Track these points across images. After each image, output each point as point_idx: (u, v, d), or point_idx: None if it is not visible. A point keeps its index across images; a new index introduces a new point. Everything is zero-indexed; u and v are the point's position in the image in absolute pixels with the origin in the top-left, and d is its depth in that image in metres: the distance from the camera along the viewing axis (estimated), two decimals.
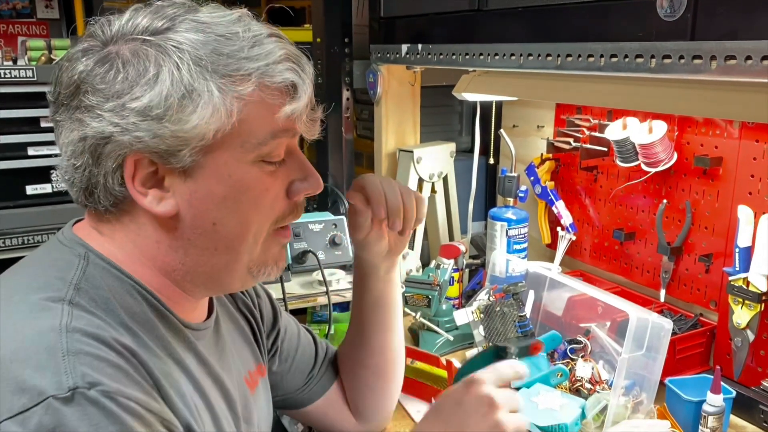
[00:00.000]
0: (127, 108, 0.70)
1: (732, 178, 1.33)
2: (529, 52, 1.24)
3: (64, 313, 0.68)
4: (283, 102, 0.75)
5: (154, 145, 0.71)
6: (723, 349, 1.36)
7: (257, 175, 0.77)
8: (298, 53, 0.78)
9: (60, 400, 0.60)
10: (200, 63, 0.71)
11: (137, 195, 0.74)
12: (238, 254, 0.80)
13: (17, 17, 2.47)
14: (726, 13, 0.90)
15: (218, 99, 0.71)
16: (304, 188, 0.82)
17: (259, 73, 0.73)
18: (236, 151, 0.75)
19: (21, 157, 1.91)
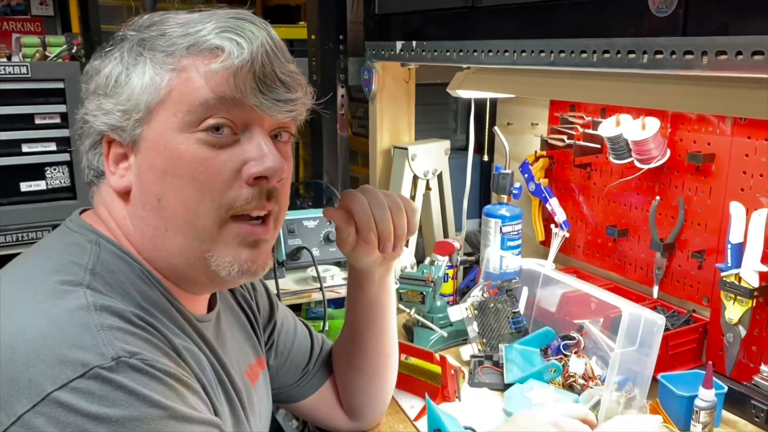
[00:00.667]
0: (89, 91, 0.80)
1: (724, 175, 1.34)
2: (522, 49, 1.24)
3: (87, 295, 0.70)
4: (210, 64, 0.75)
5: (107, 121, 0.77)
6: (715, 344, 1.37)
7: (193, 147, 0.75)
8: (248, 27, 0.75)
9: (106, 369, 0.63)
10: (143, 44, 0.77)
11: (108, 173, 0.80)
12: (187, 239, 0.77)
13: (11, 14, 2.47)
14: (717, 9, 0.90)
15: (150, 71, 0.76)
16: (257, 169, 0.76)
17: (189, 44, 0.75)
18: (170, 121, 0.75)
19: (15, 154, 1.90)
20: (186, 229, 0.77)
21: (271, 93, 0.76)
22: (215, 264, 0.78)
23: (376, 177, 1.92)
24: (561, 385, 1.35)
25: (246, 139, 0.78)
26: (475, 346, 1.52)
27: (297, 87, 0.79)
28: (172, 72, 0.75)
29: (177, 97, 0.75)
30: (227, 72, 0.74)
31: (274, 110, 0.77)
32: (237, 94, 0.75)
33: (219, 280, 0.80)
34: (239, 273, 0.79)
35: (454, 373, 1.35)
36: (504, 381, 1.39)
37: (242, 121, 0.77)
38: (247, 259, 0.79)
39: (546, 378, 1.36)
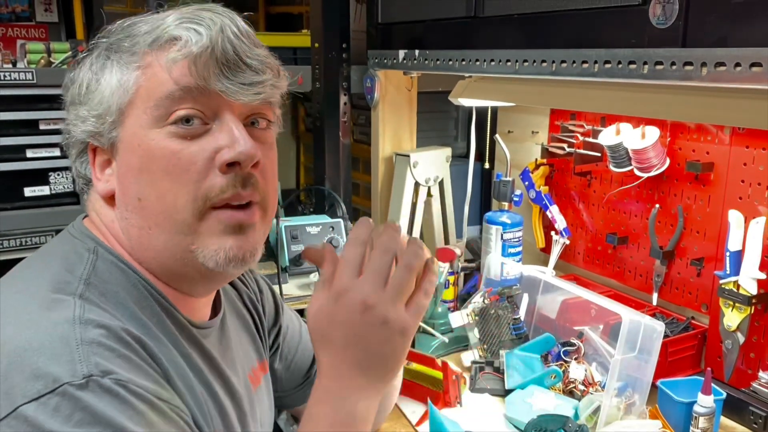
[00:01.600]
0: (66, 102, 0.82)
1: (723, 183, 1.36)
2: (524, 58, 1.26)
3: (76, 306, 0.69)
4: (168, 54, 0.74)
5: (85, 129, 0.78)
6: (714, 351, 1.38)
7: (163, 141, 0.74)
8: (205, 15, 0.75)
9: (75, 387, 0.62)
10: (110, 48, 0.78)
11: (95, 180, 0.81)
12: (170, 234, 0.76)
13: (16, 20, 2.48)
14: (716, 22, 0.92)
15: (117, 74, 0.76)
16: (229, 155, 0.74)
17: (151, 40, 0.75)
18: (140, 119, 0.75)
19: (20, 159, 1.91)
20: (168, 225, 0.76)
21: (236, 77, 0.75)
22: (202, 256, 0.76)
23: (378, 184, 1.94)
24: (561, 391, 1.36)
25: (217, 127, 0.76)
26: (476, 352, 1.54)
27: (265, 69, 0.78)
28: (137, 70, 0.75)
29: (144, 94, 0.75)
30: (187, 60, 0.73)
31: (240, 94, 0.75)
32: (200, 81, 0.74)
33: (209, 273, 0.78)
34: (227, 261, 0.77)
35: (456, 379, 1.36)
36: (505, 387, 1.40)
37: (211, 109, 0.76)
38: (233, 245, 0.77)
39: (546, 384, 1.37)
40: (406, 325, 0.73)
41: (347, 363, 0.73)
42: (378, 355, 0.73)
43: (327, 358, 0.74)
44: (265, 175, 0.80)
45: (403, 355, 0.75)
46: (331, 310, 0.73)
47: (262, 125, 0.81)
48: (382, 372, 0.75)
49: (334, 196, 1.89)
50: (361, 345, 0.72)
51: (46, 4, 2.51)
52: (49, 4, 2.51)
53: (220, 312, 0.93)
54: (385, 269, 0.73)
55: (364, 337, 0.72)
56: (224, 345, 0.92)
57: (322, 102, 1.96)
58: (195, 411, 0.77)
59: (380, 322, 0.71)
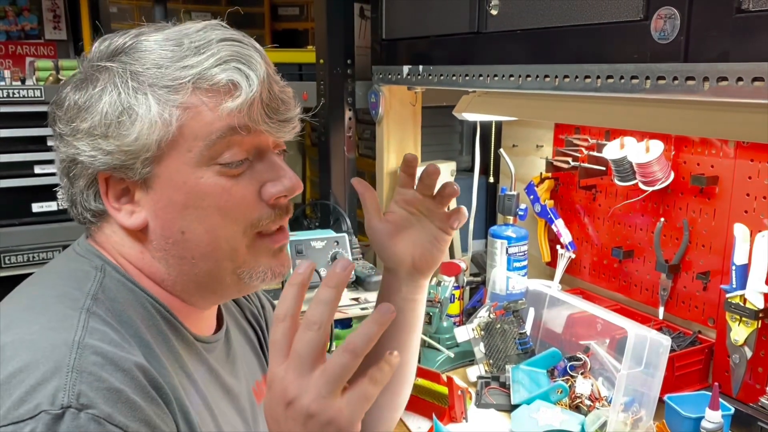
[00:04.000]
0: (79, 130, 0.76)
1: (728, 197, 1.35)
2: (527, 73, 1.27)
3: (80, 327, 0.69)
4: (224, 101, 0.74)
5: (109, 162, 0.75)
6: (721, 365, 1.37)
7: (213, 179, 0.76)
8: (247, 53, 0.76)
9: (51, 416, 0.62)
10: (138, 79, 0.74)
11: (113, 210, 0.77)
12: (216, 262, 0.79)
13: (25, 38, 2.51)
14: (718, 37, 0.92)
15: (156, 110, 0.74)
16: (276, 190, 0.78)
17: (196, 78, 0.74)
18: (184, 157, 0.75)
19: (28, 175, 1.92)
20: (216, 255, 0.78)
21: (276, 115, 0.78)
22: (248, 277, 0.80)
23: (383, 198, 1.94)
24: (568, 406, 1.36)
25: (257, 160, 0.79)
26: (482, 367, 1.53)
27: (291, 101, 0.80)
28: (179, 108, 0.74)
29: (189, 133, 0.75)
30: (243, 106, 0.74)
31: (281, 131, 0.79)
32: (251, 123, 0.75)
33: (246, 289, 0.84)
34: (272, 278, 0.82)
35: (461, 394, 1.36)
36: (511, 402, 1.39)
37: (253, 145, 0.78)
38: (277, 264, 0.82)
39: (553, 399, 1.36)
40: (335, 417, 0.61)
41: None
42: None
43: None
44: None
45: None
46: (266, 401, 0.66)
47: (278, 151, 0.84)
48: None
49: (338, 210, 1.89)
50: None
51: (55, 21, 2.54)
52: (58, 22, 2.54)
53: (223, 325, 0.93)
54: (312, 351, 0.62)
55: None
56: (231, 358, 0.93)
57: (326, 117, 1.97)
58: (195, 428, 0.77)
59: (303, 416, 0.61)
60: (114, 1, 2.49)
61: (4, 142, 1.89)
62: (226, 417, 0.87)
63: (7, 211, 1.92)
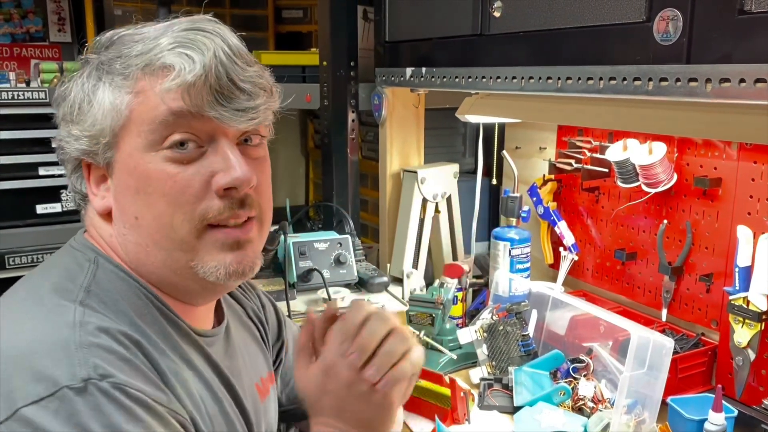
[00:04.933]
0: (59, 117, 0.82)
1: (731, 199, 1.35)
2: (530, 75, 1.27)
3: (77, 312, 0.71)
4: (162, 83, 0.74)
5: (79, 147, 0.79)
6: (725, 368, 1.37)
7: (160, 165, 0.76)
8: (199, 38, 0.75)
9: (74, 390, 0.63)
10: (102, 68, 0.78)
11: (90, 195, 0.82)
12: (168, 251, 0.78)
13: (30, 41, 2.52)
14: (720, 38, 0.92)
15: (110, 96, 0.77)
16: (225, 181, 0.76)
17: (143, 64, 0.75)
18: (134, 142, 0.76)
19: (32, 177, 1.94)
20: (165, 243, 0.78)
21: (230, 103, 0.76)
22: (202, 271, 0.79)
23: (386, 200, 1.95)
24: (570, 408, 1.35)
25: (212, 150, 0.77)
26: (485, 369, 1.53)
27: (259, 92, 0.78)
28: (129, 94, 0.76)
29: (138, 118, 0.76)
30: (181, 88, 0.74)
31: (235, 121, 0.76)
32: (194, 108, 0.74)
33: (210, 286, 0.82)
34: (227, 276, 0.79)
35: (464, 396, 1.36)
36: (513, 404, 1.39)
37: (205, 132, 0.77)
38: (232, 261, 0.79)
39: (555, 401, 1.36)
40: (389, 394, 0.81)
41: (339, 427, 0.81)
42: (366, 421, 0.82)
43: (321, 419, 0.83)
44: (260, 191, 0.82)
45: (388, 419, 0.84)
46: (322, 381, 0.82)
47: (254, 142, 0.83)
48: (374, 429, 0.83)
49: (341, 212, 1.90)
50: (351, 412, 0.81)
51: (60, 24, 2.55)
52: (63, 25, 2.55)
53: (223, 321, 0.94)
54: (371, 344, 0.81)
55: (353, 405, 0.81)
56: (230, 354, 0.93)
57: (330, 119, 1.98)
58: (195, 416, 0.78)
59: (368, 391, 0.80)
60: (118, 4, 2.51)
61: (8, 143, 1.91)
62: (230, 406, 0.87)
63: (12, 213, 1.93)
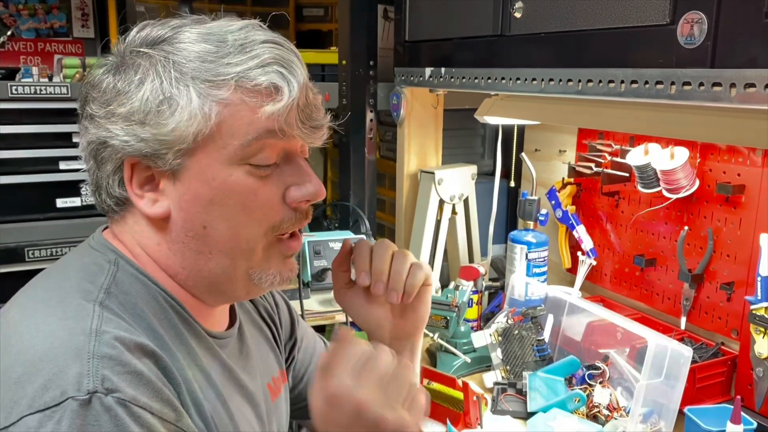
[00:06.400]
0: (116, 114, 0.75)
1: (754, 206, 1.32)
2: (550, 77, 1.25)
3: (95, 316, 0.70)
4: (265, 103, 0.74)
5: (140, 149, 0.75)
6: (744, 379, 1.34)
7: (242, 178, 0.76)
8: (290, 58, 0.76)
9: (77, 402, 0.63)
10: (182, 70, 0.74)
11: (135, 197, 0.78)
12: (233, 260, 0.79)
13: (54, 36, 2.55)
14: (746, 42, 0.90)
15: (197, 103, 0.74)
16: (301, 194, 0.79)
17: (239, 76, 0.74)
18: (218, 153, 0.75)
19: (53, 171, 1.95)
20: (233, 253, 0.79)
21: (310, 121, 0.78)
22: (258, 278, 0.81)
23: (403, 200, 1.94)
24: (585, 416, 1.34)
25: (284, 162, 0.80)
26: (499, 373, 1.51)
27: (322, 108, 0.81)
28: (219, 104, 0.74)
29: (226, 131, 0.75)
30: (283, 111, 0.75)
31: (312, 138, 0.80)
32: (287, 128, 0.76)
33: (256, 291, 0.84)
34: (281, 282, 0.83)
35: (477, 400, 1.34)
36: (527, 409, 1.37)
37: (283, 149, 0.79)
38: (287, 269, 0.83)
39: (570, 408, 1.34)
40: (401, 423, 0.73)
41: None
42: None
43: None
44: None
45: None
46: (325, 411, 0.74)
47: (306, 155, 0.85)
48: None
49: (358, 212, 1.89)
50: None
51: (83, 20, 2.57)
52: (86, 20, 2.58)
53: (236, 322, 0.94)
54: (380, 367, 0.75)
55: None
56: (244, 354, 0.93)
57: (348, 118, 1.97)
58: (201, 426, 0.77)
59: (375, 423, 0.72)
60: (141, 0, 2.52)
61: (30, 137, 1.93)
62: (240, 412, 0.87)
63: (32, 206, 1.95)
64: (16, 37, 2.48)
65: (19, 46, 2.50)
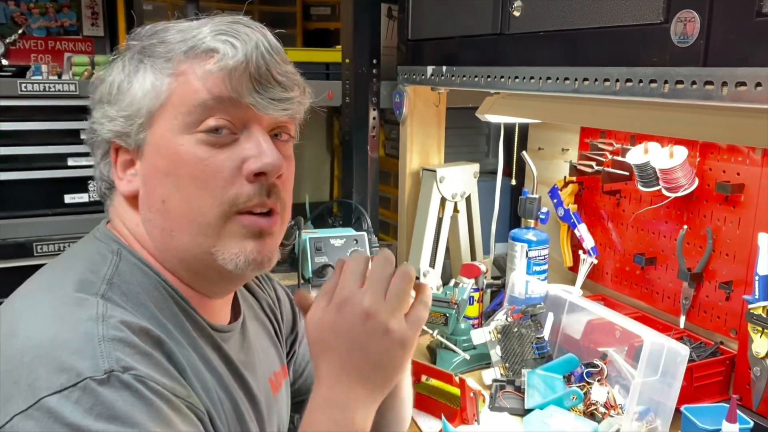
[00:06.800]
0: (95, 100, 0.82)
1: (753, 205, 1.32)
2: (547, 76, 1.26)
3: (99, 305, 0.72)
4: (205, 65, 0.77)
5: (112, 128, 0.80)
6: (743, 378, 1.34)
7: (193, 147, 0.77)
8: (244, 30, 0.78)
9: (97, 381, 0.64)
10: (144, 53, 0.80)
11: (116, 179, 0.82)
12: (191, 236, 0.79)
13: (65, 34, 2.58)
14: (738, 40, 0.90)
15: (151, 77, 0.78)
16: (256, 166, 0.77)
17: (186, 48, 0.77)
18: (170, 124, 0.77)
19: (61, 167, 1.98)
20: (191, 228, 0.78)
21: (266, 92, 0.78)
22: (222, 258, 0.79)
23: (405, 198, 1.95)
24: (582, 413, 1.34)
25: (245, 137, 0.79)
26: (498, 371, 1.52)
27: (293, 86, 0.81)
28: (171, 76, 0.77)
29: (177, 100, 0.77)
30: (222, 73, 0.76)
31: (270, 109, 0.79)
32: (233, 94, 0.77)
33: (228, 274, 0.81)
34: (245, 264, 0.79)
35: (473, 396, 1.35)
36: (524, 407, 1.38)
37: (240, 120, 0.79)
38: (253, 249, 0.80)
39: (567, 405, 1.35)
40: (405, 335, 0.77)
41: (347, 372, 0.76)
42: (378, 365, 0.76)
43: (327, 366, 0.77)
44: (285, 186, 0.83)
45: (401, 365, 0.78)
46: (334, 319, 0.77)
47: (284, 138, 0.84)
48: (380, 381, 0.77)
49: (360, 209, 1.90)
50: (362, 353, 0.76)
51: (93, 18, 2.60)
52: (96, 19, 2.61)
53: (240, 316, 0.95)
54: (386, 281, 0.77)
55: (365, 346, 0.75)
56: (245, 349, 0.94)
57: (351, 117, 1.98)
58: (211, 410, 0.79)
59: (382, 330, 0.75)
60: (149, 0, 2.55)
61: (39, 134, 1.95)
62: (242, 401, 0.88)
63: (41, 202, 1.98)
64: (27, 36, 2.51)
65: (30, 44, 2.54)
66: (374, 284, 0.77)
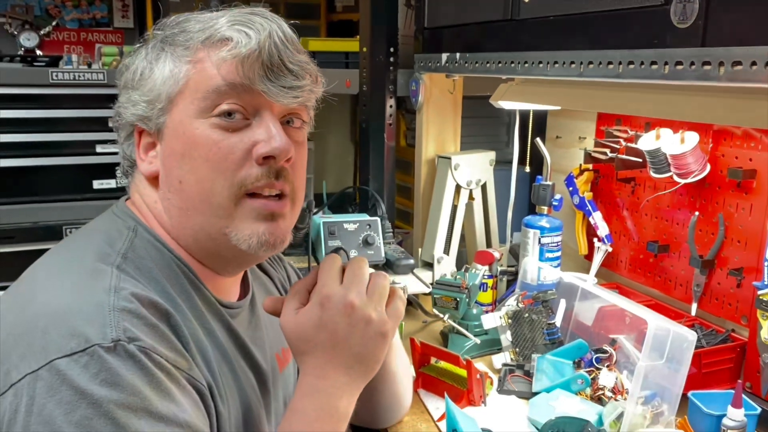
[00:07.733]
0: (121, 86, 0.89)
1: (766, 191, 1.31)
2: (555, 60, 1.26)
3: (113, 276, 0.77)
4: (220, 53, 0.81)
5: (135, 112, 0.85)
6: (753, 365, 1.32)
7: (207, 131, 0.82)
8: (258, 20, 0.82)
9: (104, 349, 0.69)
10: (166, 41, 0.85)
11: (139, 160, 0.88)
12: (206, 217, 0.83)
13: (96, 26, 2.67)
14: (736, 20, 0.90)
15: (170, 64, 0.83)
16: (264, 150, 0.82)
17: (204, 37, 0.82)
18: (187, 109, 0.83)
19: (90, 154, 2.06)
20: (204, 208, 0.83)
21: (278, 80, 0.82)
22: (235, 238, 0.84)
23: (420, 185, 1.97)
24: (589, 397, 1.34)
25: (256, 123, 0.84)
26: (508, 355, 1.53)
27: (305, 75, 0.85)
28: (189, 63, 0.83)
29: (193, 86, 0.82)
30: (236, 60, 0.81)
31: (281, 96, 0.83)
32: (245, 80, 0.81)
33: (241, 255, 0.86)
34: (258, 245, 0.84)
35: (480, 378, 1.37)
36: (532, 390, 1.39)
37: (252, 106, 0.83)
38: (265, 231, 0.84)
39: (573, 389, 1.35)
40: (385, 326, 0.85)
41: (333, 363, 0.83)
42: (360, 355, 0.84)
43: (313, 361, 0.83)
44: (296, 170, 0.88)
45: (381, 354, 0.86)
46: (317, 315, 0.83)
47: (296, 124, 0.89)
48: (363, 370, 0.85)
49: (375, 196, 1.93)
50: (346, 345, 0.83)
51: (123, 10, 2.69)
52: (126, 11, 2.69)
53: (249, 293, 0.99)
54: (365, 277, 0.86)
55: (349, 338, 0.83)
56: (253, 324, 0.98)
57: (368, 105, 2.01)
58: (211, 381, 0.83)
59: (364, 321, 0.83)
60: None
61: (69, 122, 2.03)
62: (246, 377, 0.92)
63: (70, 187, 2.06)
64: (60, 27, 2.61)
65: (63, 35, 2.63)
66: (355, 280, 0.85)
